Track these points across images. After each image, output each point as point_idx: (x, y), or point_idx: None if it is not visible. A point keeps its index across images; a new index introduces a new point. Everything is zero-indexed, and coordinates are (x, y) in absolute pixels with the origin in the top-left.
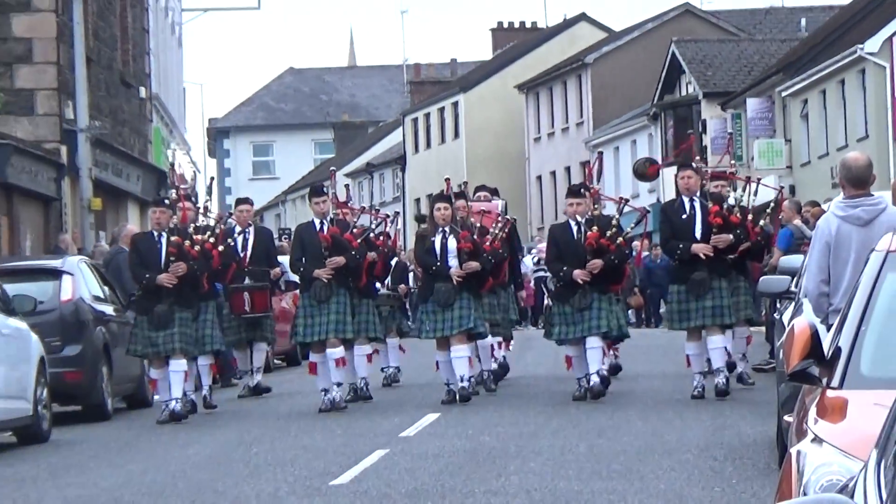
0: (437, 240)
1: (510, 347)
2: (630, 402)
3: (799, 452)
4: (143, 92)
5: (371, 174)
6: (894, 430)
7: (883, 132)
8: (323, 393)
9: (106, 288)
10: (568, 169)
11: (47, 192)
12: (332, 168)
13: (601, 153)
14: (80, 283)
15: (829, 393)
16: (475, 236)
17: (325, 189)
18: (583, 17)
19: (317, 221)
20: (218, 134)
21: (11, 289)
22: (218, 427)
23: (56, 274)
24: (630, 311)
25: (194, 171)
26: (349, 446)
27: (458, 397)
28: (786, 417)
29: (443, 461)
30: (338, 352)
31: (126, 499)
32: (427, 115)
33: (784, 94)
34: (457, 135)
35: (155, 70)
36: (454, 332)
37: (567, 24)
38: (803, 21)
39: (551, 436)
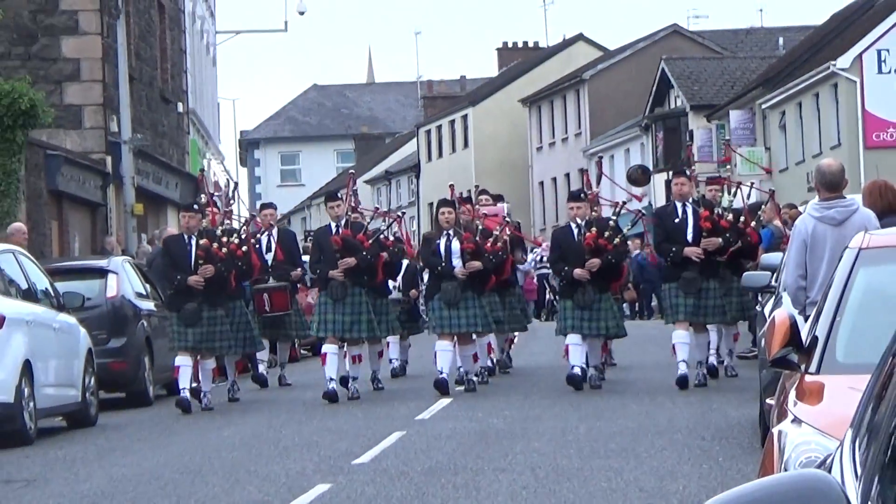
0: (442, 242)
1: (514, 343)
2: (625, 388)
3: (780, 432)
4: (180, 107)
5: (388, 181)
6: (867, 412)
7: (854, 140)
8: (329, 381)
9: (147, 286)
10: (567, 175)
11: (94, 199)
12: (350, 171)
13: (601, 160)
14: (124, 281)
15: (808, 378)
16: (477, 238)
17: (339, 195)
18: (580, 37)
19: (332, 225)
20: (249, 145)
21: (62, 287)
22: (249, 412)
23: (102, 273)
24: (624, 305)
25: (227, 179)
26: (370, 428)
27: (466, 386)
28: (768, 401)
29: (455, 442)
30: (355, 349)
31: (167, 477)
32: (439, 128)
33: (764, 106)
34: (466, 145)
35: (192, 87)
36: (461, 331)
37: (566, 43)
38: (781, 40)
39: (554, 418)
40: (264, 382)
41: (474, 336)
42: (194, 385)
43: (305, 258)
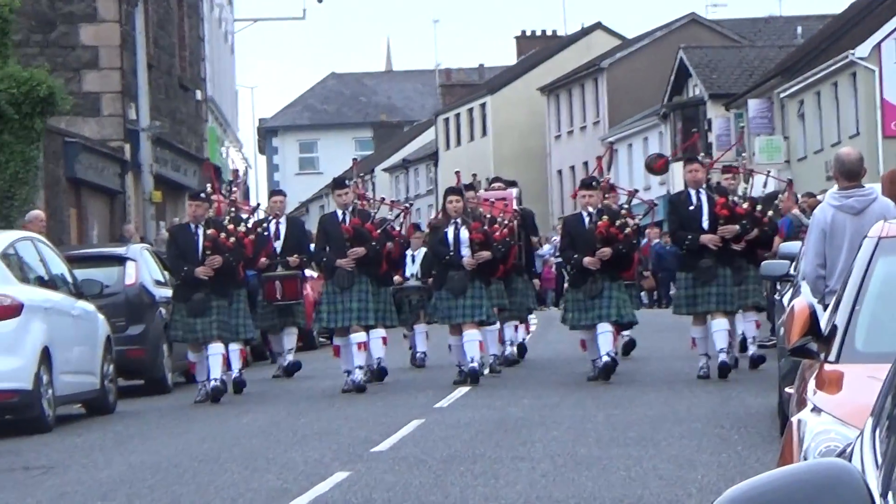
0: (450, 231)
1: (529, 331)
2: (644, 376)
3: (799, 421)
4: (199, 95)
5: (407, 169)
6: (888, 400)
7: (872, 129)
8: (346, 374)
9: (166, 273)
10: (585, 164)
11: (112, 186)
12: (354, 157)
13: (612, 146)
14: (142, 268)
15: (827, 367)
16: (485, 226)
17: (346, 182)
18: (598, 25)
19: (339, 212)
20: (267, 133)
21: (80, 274)
22: (268, 400)
23: (120, 260)
24: (643, 293)
25: (246, 167)
26: (388, 416)
27: (468, 378)
28: (787, 389)
29: (474, 430)
30: (360, 336)
31: (185, 464)
32: (457, 116)
33: (782, 95)
34: (485, 133)
35: (210, 75)
36: (465, 321)
37: (584, 32)
38: (799, 29)
39: (572, 407)
40: (296, 367)
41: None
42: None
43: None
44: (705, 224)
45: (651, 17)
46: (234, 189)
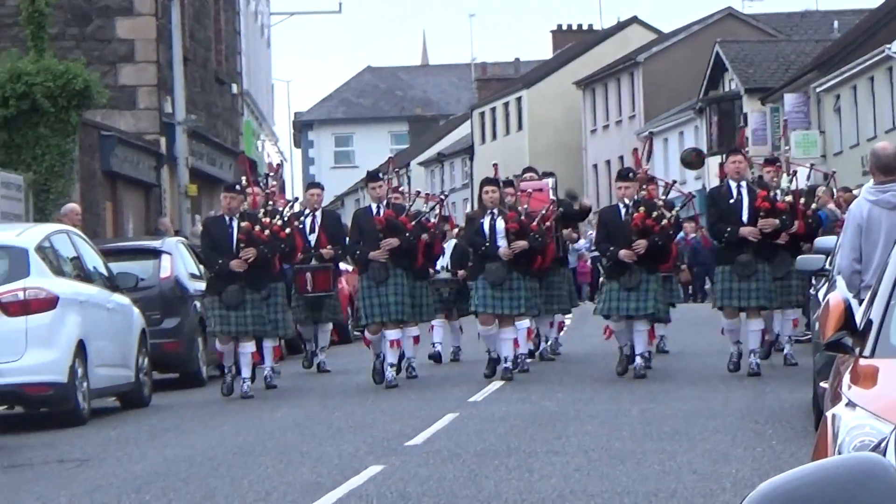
0: (486, 221)
1: (563, 328)
2: (678, 370)
3: (834, 416)
4: (234, 88)
5: (442, 163)
6: None
7: None
8: (375, 357)
9: (201, 267)
10: (621, 158)
11: (148, 180)
12: (390, 155)
13: (650, 135)
14: (177, 261)
15: (862, 361)
16: (523, 217)
17: (380, 175)
18: (634, 20)
19: (373, 206)
20: (303, 126)
21: (116, 267)
22: (302, 394)
23: (156, 254)
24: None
25: (281, 160)
26: (422, 410)
27: (502, 374)
28: (821, 384)
29: (508, 424)
30: (394, 334)
31: (220, 458)
32: (493, 110)
33: (818, 89)
34: (520, 127)
35: (246, 68)
36: (504, 313)
37: (620, 26)
38: (836, 23)
39: (607, 401)
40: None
41: (516, 322)
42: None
43: None
44: (745, 217)
45: (687, 11)
46: (273, 182)
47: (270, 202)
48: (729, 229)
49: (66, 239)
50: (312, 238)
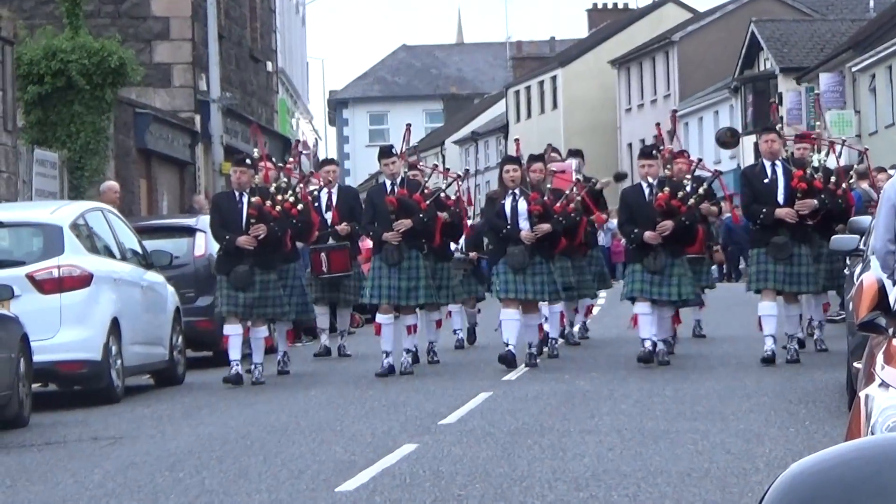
0: (508, 202)
1: (591, 312)
2: (712, 351)
3: (867, 396)
4: (269, 66)
5: (476, 142)
6: None
7: None
8: (384, 356)
9: None
10: (656, 137)
11: (182, 157)
12: (407, 123)
13: (675, 111)
14: (211, 240)
15: (895, 342)
16: (545, 198)
17: (393, 150)
18: None
19: (388, 183)
20: (338, 105)
21: (150, 245)
22: (336, 372)
23: (190, 231)
24: (713, 267)
25: (316, 138)
26: (456, 389)
27: (526, 360)
28: (855, 364)
29: (541, 403)
30: (409, 319)
31: (254, 435)
32: (528, 88)
33: (854, 69)
34: (555, 106)
35: (281, 46)
36: (528, 299)
37: (655, 5)
38: (871, 3)
39: (640, 380)
40: (327, 353)
41: (542, 306)
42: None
43: None
44: (780, 198)
45: None
46: (291, 158)
47: (285, 178)
48: (764, 210)
49: (101, 216)
50: (329, 217)
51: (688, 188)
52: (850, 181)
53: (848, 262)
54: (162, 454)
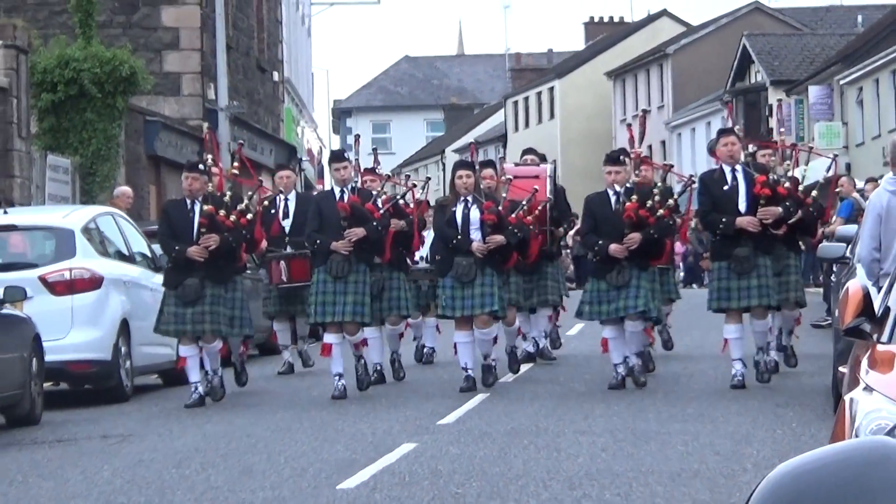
0: (459, 210)
1: (557, 322)
2: (702, 355)
3: (852, 400)
4: (276, 76)
5: (476, 150)
6: None
7: None
8: (336, 378)
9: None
10: (650, 147)
11: None
12: (356, 134)
13: (644, 111)
14: None
15: (880, 347)
16: (500, 208)
17: (346, 155)
18: (664, 12)
19: (336, 190)
20: (342, 113)
21: (159, 248)
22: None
23: None
24: (704, 274)
25: (320, 146)
26: (454, 390)
27: (480, 380)
28: (840, 369)
29: (537, 404)
30: (356, 338)
31: (258, 434)
32: (526, 99)
33: (842, 82)
34: (552, 116)
35: (287, 57)
36: (476, 313)
37: (650, 19)
38: (860, 17)
39: (632, 383)
40: (290, 370)
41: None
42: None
43: None
44: (742, 206)
45: (715, 4)
46: (236, 163)
47: (233, 184)
48: (724, 220)
49: (111, 221)
50: (287, 224)
51: (657, 198)
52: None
53: (834, 269)
54: (169, 452)
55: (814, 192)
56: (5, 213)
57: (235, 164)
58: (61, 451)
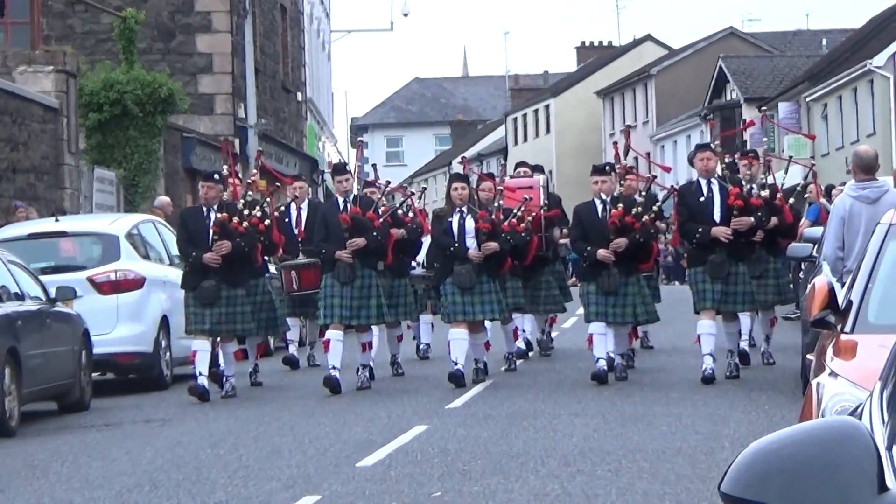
0: (455, 220)
1: (554, 322)
2: (685, 345)
3: (818, 384)
4: (299, 96)
5: (480, 162)
6: (895, 366)
7: (887, 130)
8: (330, 368)
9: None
10: (636, 159)
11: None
12: (359, 140)
13: (628, 127)
14: None
15: (843, 337)
16: (493, 217)
17: (347, 168)
18: (648, 37)
19: (340, 200)
20: (358, 129)
21: None
22: (354, 365)
23: None
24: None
25: (340, 159)
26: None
27: (474, 376)
28: (808, 357)
29: (535, 390)
30: (364, 336)
31: (285, 418)
32: (525, 116)
33: (808, 99)
34: (548, 131)
35: (309, 79)
36: (478, 319)
37: (636, 43)
38: (824, 41)
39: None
40: (295, 363)
41: (487, 324)
42: (214, 369)
43: None
44: (717, 216)
45: (694, 30)
46: (254, 171)
47: (250, 192)
48: (700, 229)
49: (152, 227)
50: (298, 232)
51: (640, 207)
52: (805, 198)
53: (802, 267)
54: (204, 434)
55: (791, 200)
56: (57, 220)
57: (254, 171)
58: (108, 434)
